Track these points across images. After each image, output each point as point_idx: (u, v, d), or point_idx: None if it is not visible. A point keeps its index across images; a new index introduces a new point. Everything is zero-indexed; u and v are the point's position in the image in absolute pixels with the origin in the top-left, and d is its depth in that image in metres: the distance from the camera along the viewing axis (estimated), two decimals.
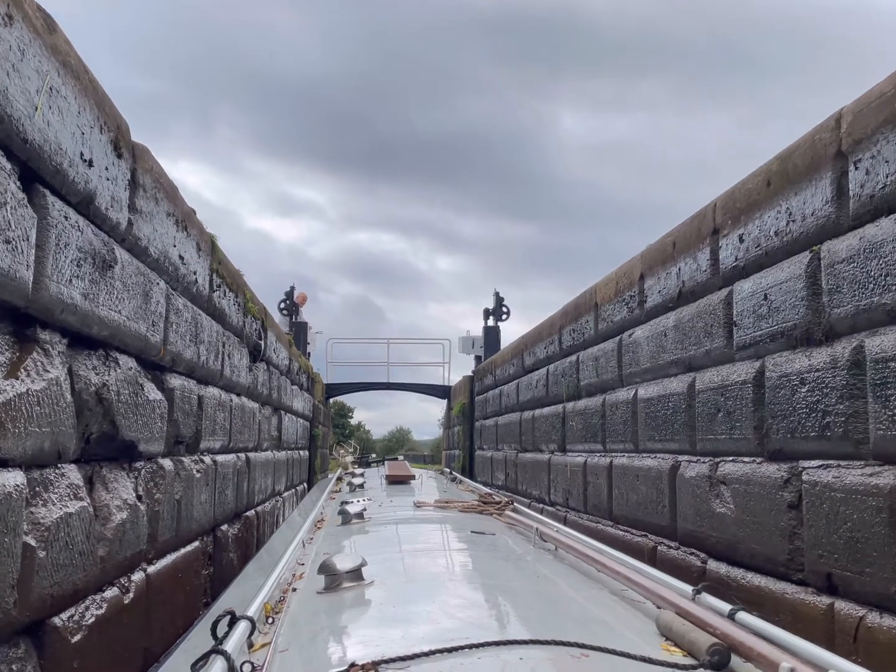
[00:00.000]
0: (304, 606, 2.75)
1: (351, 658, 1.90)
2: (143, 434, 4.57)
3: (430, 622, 2.34)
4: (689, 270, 5.57)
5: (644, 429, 6.37)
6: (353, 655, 1.94)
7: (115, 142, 3.70)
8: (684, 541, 5.54)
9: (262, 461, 9.64)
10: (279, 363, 10.90)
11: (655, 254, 6.28)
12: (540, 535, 4.20)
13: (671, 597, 2.61)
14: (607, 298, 7.48)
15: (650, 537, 6.22)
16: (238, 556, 8.08)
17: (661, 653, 2.07)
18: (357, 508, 5.20)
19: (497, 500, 6.19)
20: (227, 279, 6.78)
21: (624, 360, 6.94)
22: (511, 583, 3.13)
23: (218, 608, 2.93)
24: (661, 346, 6.04)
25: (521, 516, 5.13)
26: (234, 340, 7.36)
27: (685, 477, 5.49)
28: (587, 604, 2.84)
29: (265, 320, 9.12)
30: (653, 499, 6.11)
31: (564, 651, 1.95)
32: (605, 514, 7.40)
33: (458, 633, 2.08)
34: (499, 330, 18.37)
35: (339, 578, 2.83)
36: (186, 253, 5.27)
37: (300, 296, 20.84)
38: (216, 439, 6.76)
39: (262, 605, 2.54)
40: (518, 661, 1.88)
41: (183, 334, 5.32)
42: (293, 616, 2.63)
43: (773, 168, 4.48)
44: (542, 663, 1.90)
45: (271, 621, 2.53)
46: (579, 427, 8.33)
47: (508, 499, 6.26)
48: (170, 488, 5.23)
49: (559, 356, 9.35)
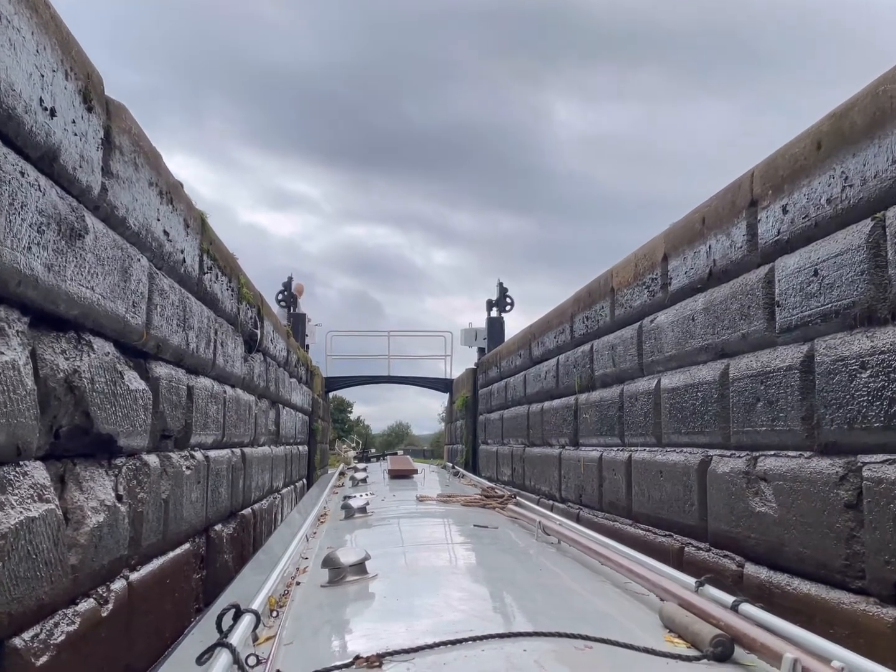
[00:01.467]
0: (309, 600, 2.74)
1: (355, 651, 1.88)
2: (123, 427, 4.11)
3: (434, 615, 2.34)
4: (721, 248, 5.11)
5: (668, 421, 5.92)
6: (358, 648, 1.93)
7: (84, 92, 3.23)
8: (717, 542, 5.09)
9: (259, 457, 9.19)
10: (276, 354, 10.44)
11: (681, 232, 5.82)
12: (543, 528, 4.13)
13: (674, 589, 2.58)
14: (625, 282, 7.02)
15: (676, 537, 5.78)
16: (234, 557, 7.64)
17: (664, 644, 2.06)
18: (360, 503, 5.10)
19: (499, 494, 6.04)
20: (219, 262, 6.32)
21: (645, 347, 6.48)
22: (514, 576, 3.11)
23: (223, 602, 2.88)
24: (689, 331, 5.59)
25: (524, 510, 5.04)
26: (227, 328, 6.90)
27: (717, 473, 5.04)
28: (590, 596, 2.82)
29: (261, 308, 8.66)
30: (679, 496, 5.66)
31: (568, 643, 1.93)
32: (623, 512, 6.95)
33: (462, 626, 2.07)
34: (503, 321, 17.88)
35: (343, 572, 2.81)
36: (172, 229, 4.80)
37: (298, 286, 20.34)
38: (208, 433, 6.31)
39: (266, 598, 2.52)
40: (522, 653, 1.86)
41: (169, 318, 4.86)
42: (297, 609, 2.62)
43: (823, 129, 4.02)
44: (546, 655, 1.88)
45: (276, 615, 2.52)
46: (594, 420, 7.88)
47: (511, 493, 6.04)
48: (155, 487, 4.78)
49: (570, 345, 8.89)
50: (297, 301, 20.07)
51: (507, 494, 5.94)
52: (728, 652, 1.96)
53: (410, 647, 1.86)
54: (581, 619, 2.29)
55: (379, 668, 1.79)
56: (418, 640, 1.92)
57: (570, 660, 1.87)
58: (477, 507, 5.40)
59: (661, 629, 2.25)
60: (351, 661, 1.82)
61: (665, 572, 2.89)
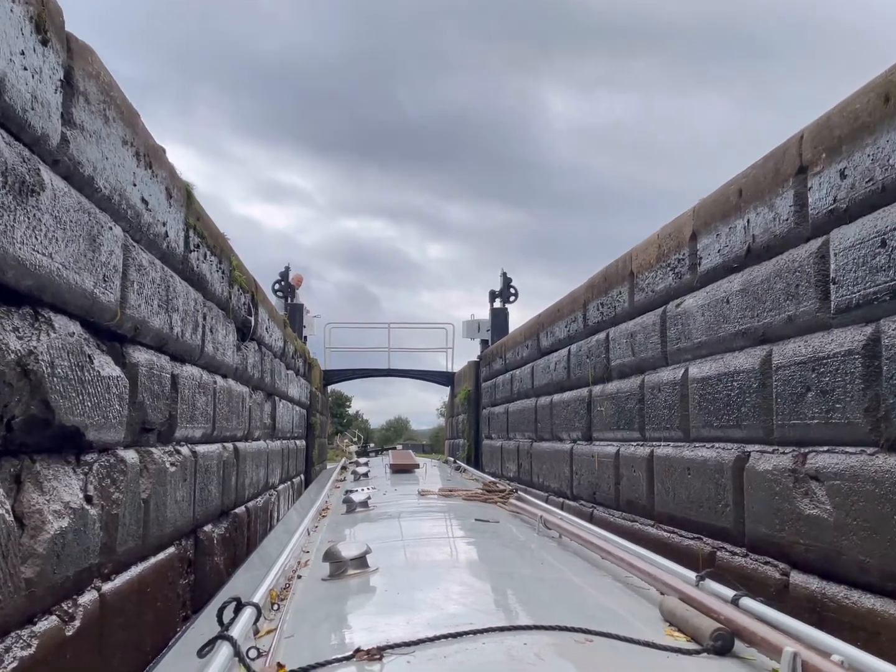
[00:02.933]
0: (310, 593, 2.74)
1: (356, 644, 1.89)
2: (93, 419, 3.62)
3: (435, 608, 2.34)
4: (762, 222, 4.61)
5: (698, 413, 5.43)
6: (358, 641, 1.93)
7: (36, 21, 2.72)
8: (756, 547, 4.61)
9: (254, 452, 8.70)
10: (272, 344, 9.93)
11: (713, 207, 5.31)
12: (544, 522, 4.12)
13: (675, 583, 2.56)
14: (646, 265, 6.52)
15: (705, 540, 5.29)
16: (226, 559, 7.15)
17: (664, 638, 2.06)
18: (361, 497, 5.10)
19: (501, 489, 5.97)
20: (207, 240, 5.81)
21: (670, 334, 5.98)
22: (515, 570, 3.10)
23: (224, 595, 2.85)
24: (722, 315, 5.09)
25: (525, 504, 5.00)
26: (217, 313, 6.39)
27: (757, 470, 4.55)
28: (591, 590, 2.82)
29: (256, 294, 8.15)
30: (710, 495, 5.17)
31: (568, 636, 1.94)
32: (643, 511, 6.46)
33: (463, 619, 2.06)
34: (507, 312, 17.33)
35: (344, 566, 2.81)
36: (152, 197, 4.29)
37: (296, 277, 19.80)
38: (196, 427, 5.81)
39: (267, 591, 2.51)
40: (522, 647, 1.87)
41: (149, 298, 4.35)
42: (298, 602, 2.62)
43: (894, 79, 3.52)
44: (546, 648, 1.88)
45: (277, 608, 2.51)
46: (610, 413, 7.38)
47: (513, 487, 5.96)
48: (134, 486, 4.28)
49: (583, 334, 8.39)
50: (294, 292, 19.54)
51: (509, 489, 5.82)
52: (728, 646, 1.95)
53: (411, 640, 1.86)
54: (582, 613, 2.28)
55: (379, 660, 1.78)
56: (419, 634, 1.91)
57: (571, 653, 1.86)
58: (478, 501, 5.35)
59: (662, 623, 2.24)
60: (351, 653, 1.82)
61: (665, 566, 2.86)
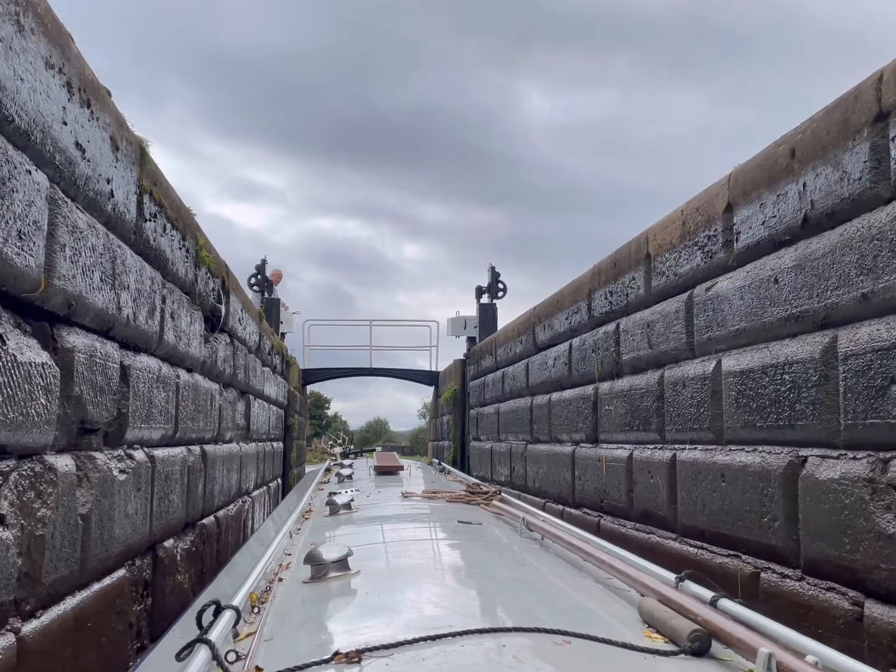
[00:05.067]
0: (290, 596, 2.73)
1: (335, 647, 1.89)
2: (6, 416, 2.82)
3: (415, 611, 2.32)
4: (823, 184, 3.91)
5: (735, 412, 4.72)
6: (338, 644, 1.93)
7: None
8: (815, 569, 3.90)
9: (225, 455, 7.89)
10: (246, 338, 9.12)
11: (755, 172, 4.60)
12: (526, 524, 4.10)
13: (654, 584, 2.53)
14: (667, 245, 5.81)
15: (745, 558, 4.58)
16: (192, 576, 6.35)
17: (643, 639, 2.04)
18: (345, 499, 5.06)
19: (484, 491, 5.90)
20: (167, 211, 5.01)
21: (697, 322, 5.27)
22: (496, 572, 3.08)
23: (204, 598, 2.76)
24: (768, 297, 4.38)
25: (508, 506, 4.99)
26: (180, 297, 5.59)
27: (818, 479, 3.85)
28: (571, 592, 2.81)
29: (227, 280, 7.34)
30: (752, 507, 4.46)
31: (547, 638, 1.92)
32: (662, 523, 5.75)
33: (442, 622, 2.04)
34: (496, 307, 16.57)
35: (326, 568, 2.79)
36: (92, 145, 3.50)
37: (275, 273, 18.93)
38: (154, 427, 5.01)
39: (247, 594, 2.48)
40: (501, 649, 1.85)
41: (88, 269, 3.56)
42: (279, 605, 2.60)
43: None
44: (525, 650, 1.86)
45: (257, 611, 2.50)
46: (621, 412, 6.67)
47: (496, 489, 5.86)
48: (67, 499, 3.49)
49: (588, 327, 7.68)
50: (272, 288, 18.68)
51: (492, 490, 5.80)
52: (705, 647, 1.95)
53: (389, 643, 1.84)
54: (561, 615, 2.28)
55: (358, 663, 1.78)
56: (398, 636, 1.90)
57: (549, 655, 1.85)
58: (462, 503, 5.39)
59: (641, 624, 2.23)
60: (330, 657, 1.82)
61: (646, 568, 2.84)
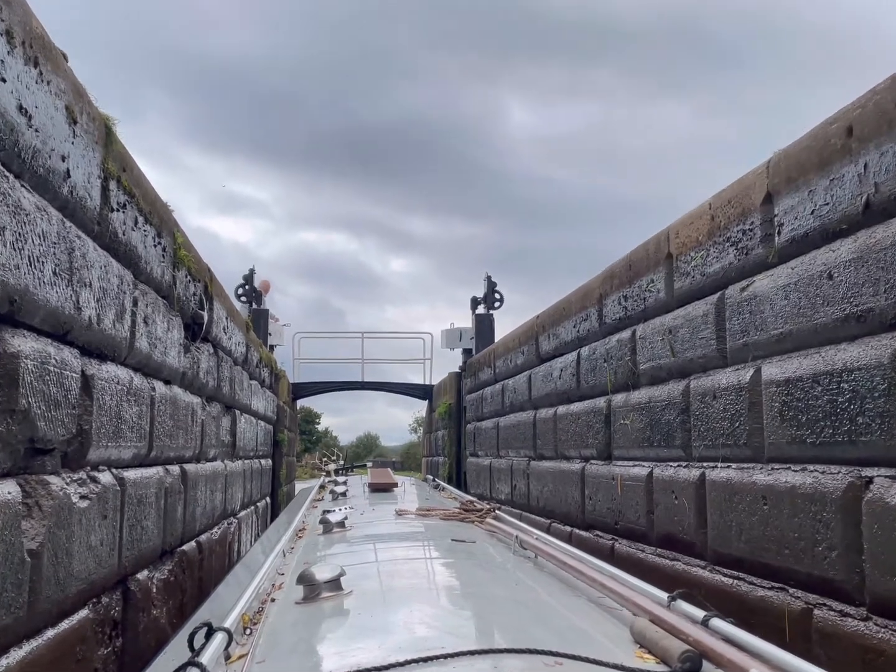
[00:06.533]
0: (282, 617, 2.67)
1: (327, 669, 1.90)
2: None
3: (407, 631, 2.32)
4: (890, 163, 3.40)
5: (779, 426, 4.20)
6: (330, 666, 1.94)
7: None
8: (885, 608, 3.37)
9: (208, 474, 7.30)
10: (232, 348, 8.56)
11: (801, 156, 4.10)
12: (520, 542, 4.08)
13: (646, 604, 2.51)
14: (693, 243, 5.31)
15: (793, 592, 4.04)
16: (171, 609, 5.76)
17: (634, 660, 2.06)
18: (338, 517, 5.03)
19: (478, 508, 5.87)
20: (140, 203, 4.47)
21: (731, 326, 4.76)
22: (489, 591, 3.05)
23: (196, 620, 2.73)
24: (820, 295, 3.87)
25: (502, 524, 4.96)
26: (156, 301, 5.04)
27: (889, 503, 3.32)
28: (564, 612, 2.76)
29: (210, 286, 6.79)
30: (802, 533, 3.93)
31: (538, 659, 1.92)
32: (689, 549, 5.21)
33: (435, 643, 2.03)
34: (492, 318, 16.04)
35: (318, 588, 2.73)
36: (41, 112, 2.96)
37: (263, 283, 18.36)
38: (124, 446, 4.45)
39: (239, 616, 2.45)
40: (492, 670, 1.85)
41: (37, 259, 3.01)
42: (271, 627, 2.55)
43: None
44: None
45: (249, 632, 2.46)
46: (638, 426, 6.14)
47: (491, 506, 5.80)
48: (10, 533, 2.92)
49: (599, 334, 7.16)
50: (261, 299, 18.11)
51: (486, 508, 5.76)
52: (696, 667, 1.92)
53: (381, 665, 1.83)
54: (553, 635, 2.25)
55: None
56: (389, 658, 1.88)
57: None
58: (456, 521, 5.37)
59: (632, 645, 2.21)
60: None
61: (638, 587, 2.79)
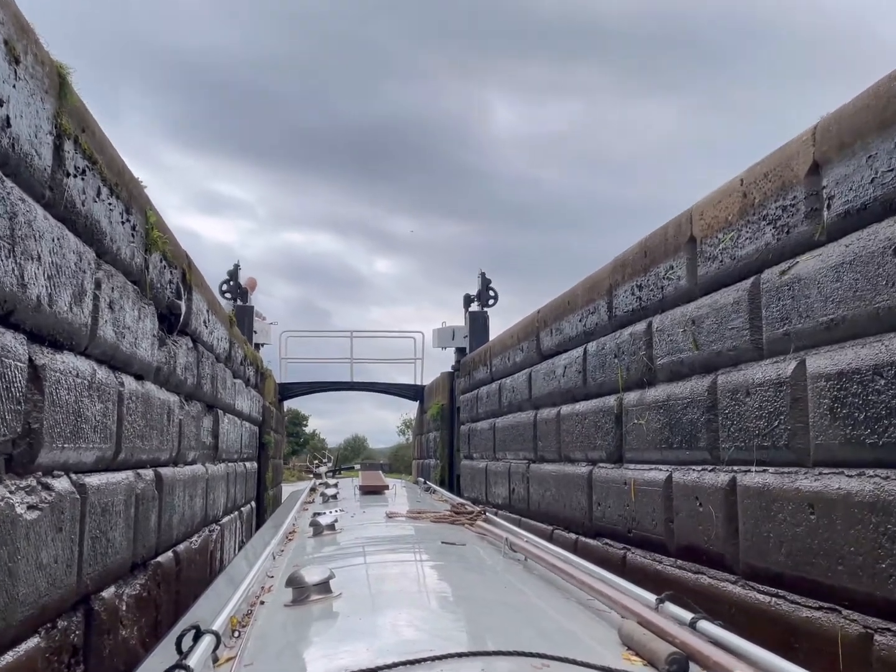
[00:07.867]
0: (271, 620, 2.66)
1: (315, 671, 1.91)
2: None
3: (396, 634, 2.33)
4: None
5: (829, 425, 3.71)
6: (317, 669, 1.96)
7: None
8: None
9: (186, 478, 6.76)
10: (214, 344, 8.01)
11: (858, 117, 3.62)
12: (510, 545, 4.04)
13: (635, 606, 2.49)
14: (721, 224, 4.82)
15: (847, 614, 3.56)
16: (143, 628, 5.22)
17: (621, 662, 2.04)
18: (329, 520, 4.98)
19: (469, 510, 5.84)
20: (103, 170, 3.93)
21: (768, 314, 4.27)
22: (478, 593, 3.04)
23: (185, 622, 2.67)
24: (882, 275, 3.39)
25: (492, 526, 4.91)
26: (124, 284, 4.49)
27: None
28: (553, 614, 2.75)
29: (188, 273, 6.24)
30: (860, 547, 3.45)
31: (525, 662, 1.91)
32: (716, 561, 4.72)
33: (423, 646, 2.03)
34: (487, 316, 15.52)
35: (307, 591, 2.70)
36: None
37: (249, 281, 17.79)
38: (84, 447, 3.91)
39: (228, 618, 2.42)
40: None
41: None
42: (260, 629, 2.52)
43: None
44: None
45: (237, 635, 2.43)
46: (654, 427, 5.65)
47: (481, 509, 5.73)
48: None
49: (609, 328, 6.67)
50: (247, 296, 17.54)
51: (477, 510, 5.72)
52: (683, 669, 1.93)
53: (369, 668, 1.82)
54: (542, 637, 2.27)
55: None
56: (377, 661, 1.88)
57: None
58: (446, 523, 5.40)
59: (620, 647, 2.19)
60: None
61: (627, 589, 2.74)
